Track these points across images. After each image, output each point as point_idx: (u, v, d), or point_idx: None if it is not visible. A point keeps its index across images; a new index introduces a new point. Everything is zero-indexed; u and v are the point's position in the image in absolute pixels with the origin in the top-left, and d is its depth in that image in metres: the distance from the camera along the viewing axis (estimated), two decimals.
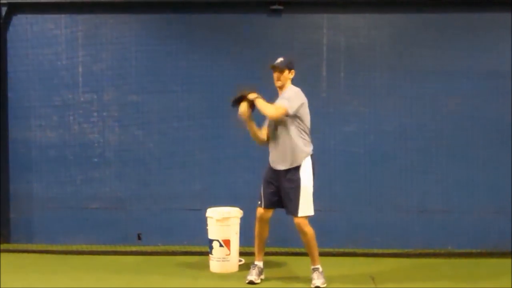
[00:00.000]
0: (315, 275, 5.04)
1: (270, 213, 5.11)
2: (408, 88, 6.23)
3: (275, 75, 5.02)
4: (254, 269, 5.18)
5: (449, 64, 6.19)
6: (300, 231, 4.97)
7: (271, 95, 6.21)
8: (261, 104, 4.91)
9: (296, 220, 4.94)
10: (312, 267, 5.09)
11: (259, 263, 5.22)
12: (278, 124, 4.95)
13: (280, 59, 5.02)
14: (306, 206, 4.93)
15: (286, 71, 5.01)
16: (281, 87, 5.05)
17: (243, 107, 4.93)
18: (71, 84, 6.45)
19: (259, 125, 5.11)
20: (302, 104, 4.93)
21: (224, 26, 6.35)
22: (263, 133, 5.11)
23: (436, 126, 6.23)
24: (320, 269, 5.07)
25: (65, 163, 6.48)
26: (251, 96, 4.93)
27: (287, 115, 4.87)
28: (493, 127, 6.18)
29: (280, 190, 5.02)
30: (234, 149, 6.31)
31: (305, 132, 4.99)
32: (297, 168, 4.95)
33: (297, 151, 4.94)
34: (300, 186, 4.92)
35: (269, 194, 5.05)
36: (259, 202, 5.09)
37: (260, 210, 5.09)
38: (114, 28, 6.42)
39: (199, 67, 6.35)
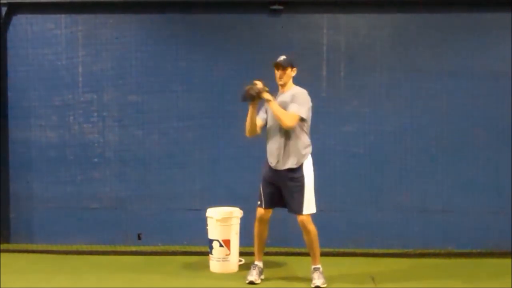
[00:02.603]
0: (315, 275, 5.05)
1: (269, 213, 5.13)
2: (408, 88, 6.23)
3: (278, 73, 5.02)
4: (254, 269, 5.18)
5: (449, 64, 6.19)
6: (303, 229, 5.00)
7: (271, 95, 6.25)
8: (277, 110, 4.86)
9: (300, 218, 4.97)
10: (313, 266, 5.10)
11: (259, 263, 5.23)
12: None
13: (283, 57, 5.02)
14: (310, 204, 4.98)
15: (289, 69, 5.03)
16: (284, 85, 5.06)
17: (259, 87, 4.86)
18: (71, 84, 6.44)
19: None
20: (310, 107, 5.00)
21: (224, 26, 6.35)
22: (257, 125, 5.07)
23: (436, 126, 6.23)
24: (321, 269, 5.08)
25: (65, 163, 6.47)
26: (267, 97, 4.88)
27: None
28: (493, 127, 6.18)
29: (282, 189, 5.03)
30: (234, 149, 6.31)
31: (307, 132, 5.02)
32: (300, 167, 4.97)
33: (301, 151, 4.98)
34: (304, 185, 4.96)
35: (269, 194, 5.06)
36: (259, 202, 5.10)
37: (260, 210, 5.10)
38: (114, 28, 6.41)
39: (199, 67, 6.35)
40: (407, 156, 6.25)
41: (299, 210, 4.96)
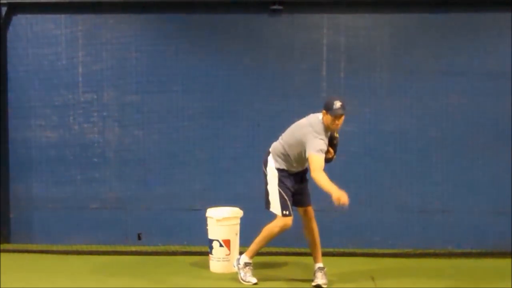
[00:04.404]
0: (319, 274, 5.07)
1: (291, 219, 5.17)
2: (408, 88, 6.23)
3: (341, 120, 4.96)
4: (251, 269, 5.19)
5: (449, 64, 6.19)
6: (312, 218, 5.16)
7: (271, 95, 6.26)
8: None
9: (311, 208, 5.17)
10: (318, 266, 5.12)
11: (251, 260, 5.25)
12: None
13: (341, 103, 4.90)
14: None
15: None
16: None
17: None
18: (71, 84, 6.44)
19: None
20: None
21: (224, 26, 6.35)
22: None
23: (436, 126, 6.23)
24: (325, 269, 5.10)
25: (65, 163, 6.47)
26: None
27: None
28: (493, 127, 6.18)
29: (297, 190, 5.12)
30: (234, 149, 6.31)
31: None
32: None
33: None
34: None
35: (291, 202, 5.10)
36: (287, 212, 5.01)
37: (288, 220, 5.01)
38: (114, 28, 6.41)
39: (199, 67, 6.35)
40: (407, 156, 6.24)
41: (310, 201, 5.19)
